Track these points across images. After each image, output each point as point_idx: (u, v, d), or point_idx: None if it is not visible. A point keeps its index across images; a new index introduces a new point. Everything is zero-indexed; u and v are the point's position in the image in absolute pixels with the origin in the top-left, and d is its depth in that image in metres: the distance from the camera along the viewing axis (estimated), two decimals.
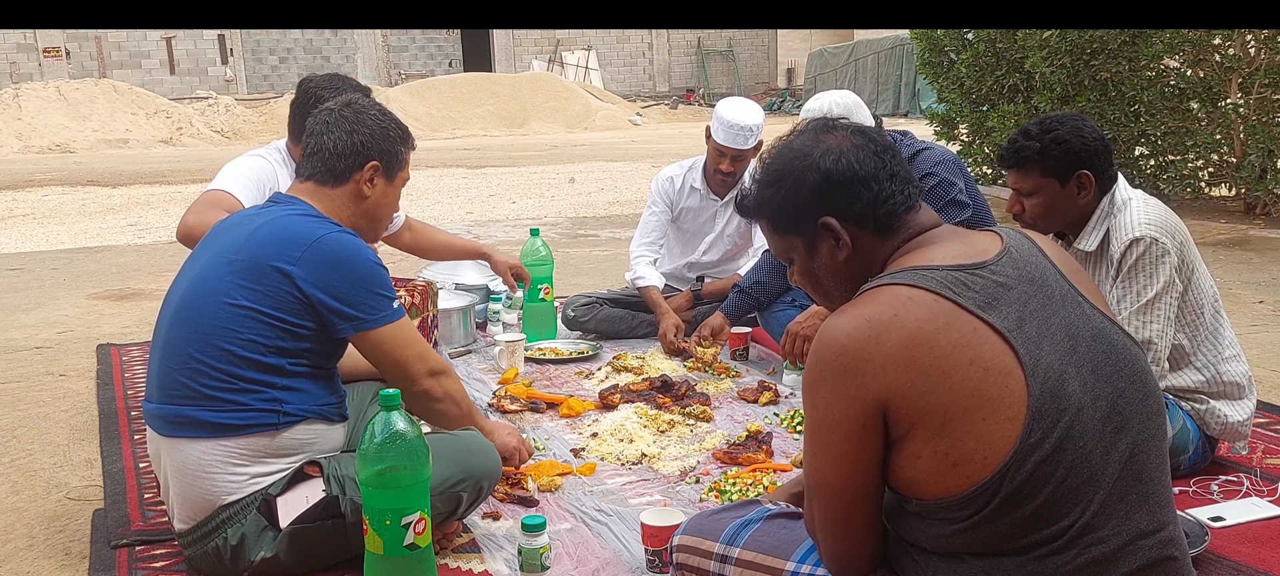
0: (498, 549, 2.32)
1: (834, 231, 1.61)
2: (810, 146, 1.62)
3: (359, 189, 2.29)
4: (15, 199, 11.36)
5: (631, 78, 33.47)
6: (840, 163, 1.59)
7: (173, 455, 2.14)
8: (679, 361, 3.91)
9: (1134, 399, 1.53)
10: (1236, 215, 7.81)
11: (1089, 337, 1.52)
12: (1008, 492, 1.44)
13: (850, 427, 1.47)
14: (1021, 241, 1.60)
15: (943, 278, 1.49)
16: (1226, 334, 2.66)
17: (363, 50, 30.64)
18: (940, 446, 1.44)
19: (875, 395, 1.45)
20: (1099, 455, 1.47)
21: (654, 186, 4.36)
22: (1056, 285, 1.55)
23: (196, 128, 21.47)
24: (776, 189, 1.64)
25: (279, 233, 2.14)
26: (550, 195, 10.85)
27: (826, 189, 1.60)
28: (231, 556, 2.14)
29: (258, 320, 2.09)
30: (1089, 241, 2.65)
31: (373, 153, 2.29)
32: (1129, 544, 1.49)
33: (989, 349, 1.44)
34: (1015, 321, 1.47)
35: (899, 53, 25.12)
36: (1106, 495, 1.47)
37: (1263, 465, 2.70)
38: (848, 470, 1.51)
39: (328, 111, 2.32)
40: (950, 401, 1.43)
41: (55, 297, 5.75)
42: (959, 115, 9.39)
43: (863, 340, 1.46)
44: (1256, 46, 7.27)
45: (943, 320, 1.45)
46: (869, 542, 1.59)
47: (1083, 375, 1.49)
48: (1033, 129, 2.62)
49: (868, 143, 1.62)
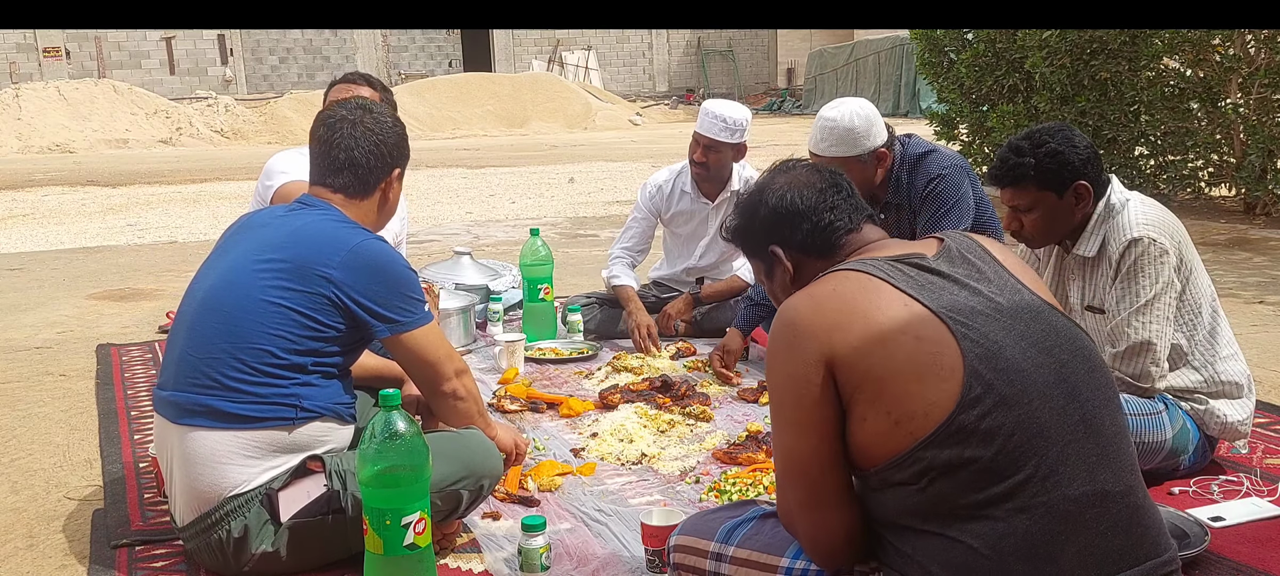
0: (498, 549, 2.32)
1: (779, 258, 1.82)
2: (766, 184, 1.86)
3: (385, 195, 2.39)
4: (15, 199, 11.36)
5: (631, 78, 33.47)
6: (784, 199, 1.81)
7: (183, 444, 2.15)
8: (679, 361, 3.92)
9: (1079, 371, 1.62)
10: (1236, 215, 7.81)
11: (1027, 317, 1.64)
12: (955, 447, 1.53)
13: (804, 392, 1.60)
14: (963, 239, 1.76)
15: (878, 265, 1.67)
16: (1225, 333, 2.65)
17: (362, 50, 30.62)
18: (882, 406, 1.56)
19: (820, 356, 1.59)
20: (1047, 413, 1.56)
21: (641, 193, 4.38)
22: (995, 275, 1.69)
23: (196, 128, 21.46)
24: (741, 220, 1.89)
25: (318, 236, 2.21)
26: (550, 195, 10.85)
27: (773, 222, 1.82)
28: (234, 549, 2.15)
29: (291, 318, 2.14)
30: (1088, 247, 2.64)
31: (398, 161, 2.40)
32: (1095, 503, 1.55)
33: (921, 322, 1.58)
34: (947, 302, 1.61)
35: (899, 53, 25.11)
36: (1061, 451, 1.55)
37: (1263, 465, 2.70)
38: (808, 436, 1.62)
39: (338, 119, 2.34)
40: (887, 364, 1.56)
41: (55, 297, 5.75)
42: (959, 115, 9.39)
43: (806, 311, 1.64)
44: (1256, 46, 7.26)
45: (876, 295, 1.62)
46: (842, 520, 1.65)
47: (1022, 347, 1.59)
48: (1023, 144, 2.58)
49: (815, 179, 1.83)
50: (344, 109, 2.36)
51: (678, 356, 4.00)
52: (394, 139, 2.38)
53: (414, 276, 2.31)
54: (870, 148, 3.42)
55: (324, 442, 2.22)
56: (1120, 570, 1.55)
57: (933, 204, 3.48)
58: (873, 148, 3.43)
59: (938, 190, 3.46)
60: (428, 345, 2.29)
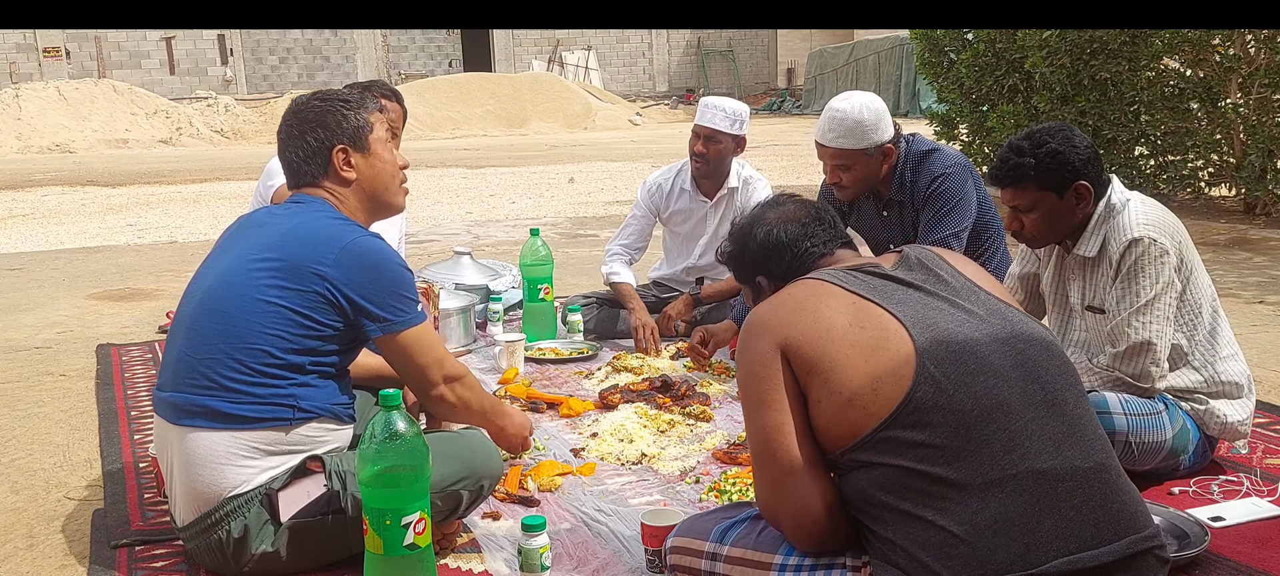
0: (498, 549, 2.32)
1: (764, 288, 2.00)
2: (758, 218, 2.04)
3: (343, 177, 2.31)
4: (15, 199, 11.36)
5: (631, 78, 33.46)
6: (770, 235, 1.99)
7: (182, 445, 2.15)
8: (679, 361, 3.92)
9: (1039, 357, 1.71)
10: (1236, 215, 7.81)
11: (984, 313, 1.76)
12: (915, 425, 1.63)
13: (764, 376, 1.76)
14: (923, 251, 1.90)
15: (835, 273, 1.84)
16: (1225, 334, 2.65)
17: (362, 50, 30.62)
18: (833, 387, 1.70)
19: (774, 344, 1.76)
20: (1006, 389, 1.65)
21: (641, 191, 4.40)
22: (952, 278, 1.83)
23: (196, 128, 21.46)
24: (733, 248, 2.08)
25: (312, 234, 2.19)
26: (550, 195, 10.85)
27: (760, 255, 2.01)
28: (234, 550, 2.15)
29: (288, 317, 2.14)
30: (1089, 247, 2.64)
31: (332, 141, 2.29)
32: (1065, 478, 1.60)
33: (866, 312, 1.74)
34: (898, 297, 1.76)
35: (899, 53, 25.12)
36: (1024, 426, 1.63)
37: (1263, 465, 2.70)
38: (771, 411, 1.74)
39: (282, 126, 2.35)
40: (835, 350, 1.71)
41: (55, 297, 5.75)
42: (959, 115, 9.39)
43: (763, 312, 1.84)
44: (1256, 46, 7.26)
45: (826, 294, 1.79)
46: (815, 492, 1.72)
47: (978, 335, 1.71)
48: (1023, 144, 2.58)
49: (801, 214, 2.01)
50: (285, 114, 2.37)
51: (678, 356, 4.00)
52: (316, 121, 2.29)
53: (409, 275, 2.29)
54: (877, 142, 3.42)
55: (323, 443, 2.22)
56: (1099, 545, 1.58)
57: (935, 203, 3.48)
58: (879, 142, 3.43)
59: (940, 189, 3.46)
60: (417, 348, 2.26)
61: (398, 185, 2.42)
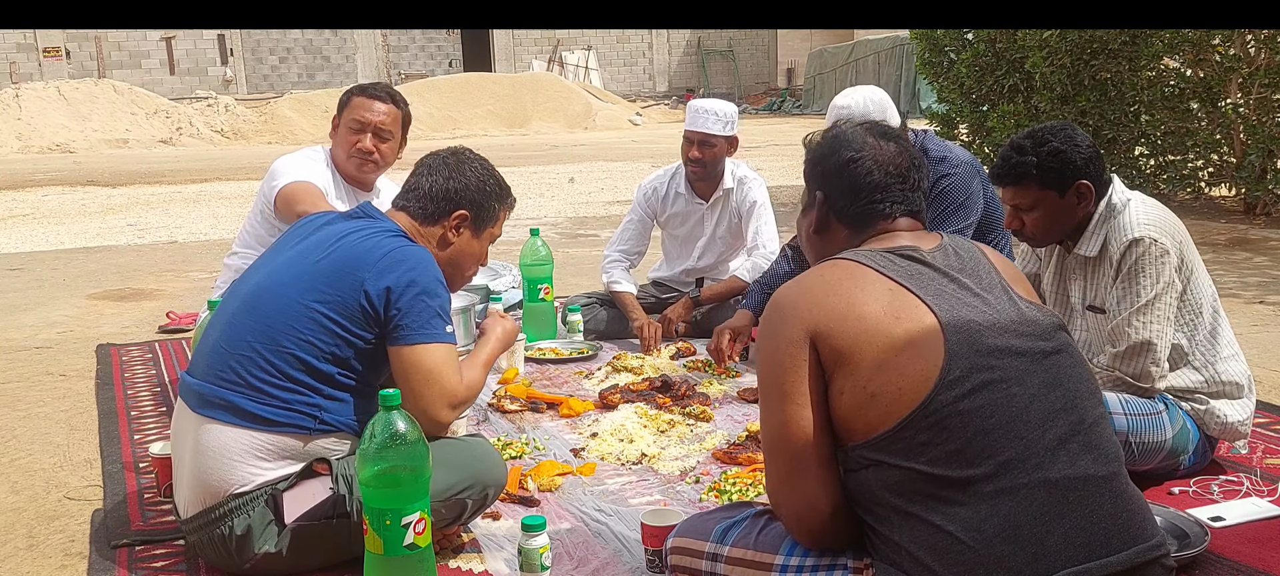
0: (498, 549, 2.32)
1: (818, 203, 1.88)
2: (855, 138, 1.86)
3: (445, 235, 2.39)
4: (15, 199, 11.36)
5: (631, 77, 33.46)
6: (860, 166, 1.82)
7: (198, 434, 2.16)
8: (679, 361, 3.92)
9: (1062, 362, 1.68)
10: (1236, 215, 7.81)
11: (1012, 312, 1.70)
12: (935, 427, 1.58)
13: (788, 363, 1.68)
14: (963, 242, 1.82)
15: (872, 255, 1.75)
16: (1225, 333, 2.65)
17: (363, 50, 30.63)
18: (859, 380, 1.63)
19: (803, 330, 1.68)
20: (1027, 398, 1.61)
21: (638, 193, 4.40)
22: (986, 275, 1.75)
23: (196, 128, 21.46)
24: (817, 150, 1.91)
25: (362, 244, 2.22)
26: (550, 195, 10.85)
27: (837, 175, 1.85)
28: (236, 546, 2.15)
29: (321, 324, 2.15)
30: (1090, 247, 2.64)
31: (464, 202, 2.39)
32: (1078, 487, 1.58)
33: (903, 305, 1.66)
34: (934, 290, 1.68)
35: (899, 53, 25.12)
36: (1041, 434, 1.59)
37: (1263, 465, 2.70)
38: (792, 403, 1.68)
39: (435, 154, 2.45)
40: (865, 341, 1.64)
41: (55, 297, 5.75)
42: (959, 115, 9.39)
43: (792, 293, 1.74)
44: (1256, 46, 7.26)
45: (860, 279, 1.70)
46: (824, 492, 1.69)
47: (1006, 338, 1.65)
48: (1025, 143, 2.58)
49: (893, 164, 1.83)
50: (445, 149, 2.47)
51: (678, 356, 4.00)
52: (467, 179, 2.39)
53: (447, 296, 2.26)
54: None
55: (337, 456, 2.21)
56: (1107, 554, 1.57)
57: (940, 201, 3.48)
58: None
59: (945, 187, 3.46)
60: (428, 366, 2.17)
61: (469, 276, 2.51)
